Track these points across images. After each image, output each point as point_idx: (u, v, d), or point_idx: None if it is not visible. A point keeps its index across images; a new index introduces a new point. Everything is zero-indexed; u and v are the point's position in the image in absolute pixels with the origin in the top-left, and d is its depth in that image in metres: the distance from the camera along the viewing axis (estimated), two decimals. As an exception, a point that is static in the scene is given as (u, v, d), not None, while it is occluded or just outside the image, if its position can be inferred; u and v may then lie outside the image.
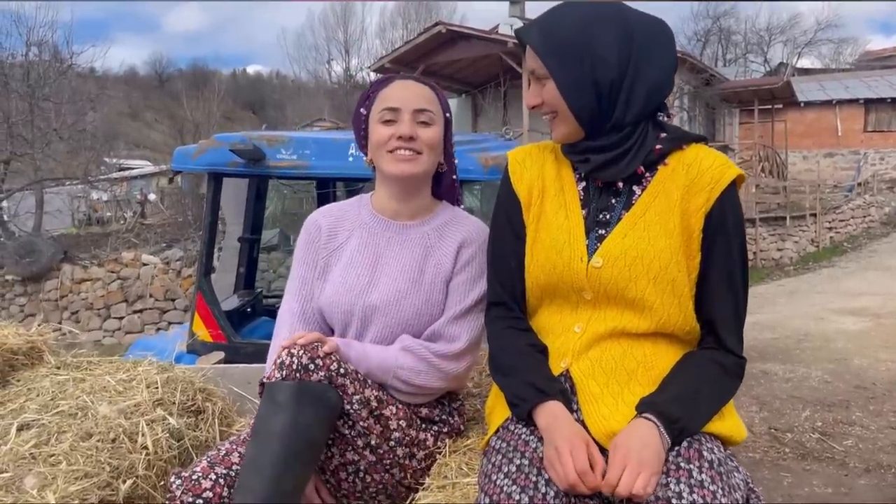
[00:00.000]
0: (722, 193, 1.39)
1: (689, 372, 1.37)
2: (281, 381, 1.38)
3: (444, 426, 1.67)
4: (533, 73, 1.44)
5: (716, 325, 1.41)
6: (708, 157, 1.44)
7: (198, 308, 3.27)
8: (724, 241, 1.40)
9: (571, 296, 1.45)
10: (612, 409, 1.34)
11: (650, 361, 1.40)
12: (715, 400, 1.36)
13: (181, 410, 1.75)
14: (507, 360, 1.48)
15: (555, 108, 1.43)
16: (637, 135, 1.42)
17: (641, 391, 1.36)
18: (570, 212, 1.47)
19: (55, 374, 1.86)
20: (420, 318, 1.64)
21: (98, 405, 1.61)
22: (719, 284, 1.40)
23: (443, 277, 1.68)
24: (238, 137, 3.23)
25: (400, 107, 1.65)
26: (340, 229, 1.75)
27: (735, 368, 1.41)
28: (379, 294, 1.65)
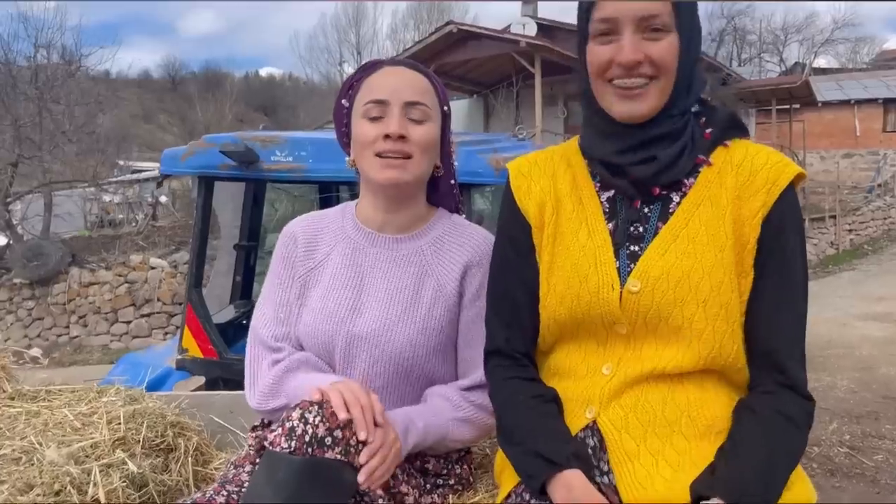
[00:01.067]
0: (781, 195, 1.15)
1: (753, 434, 1.10)
2: (287, 453, 1.11)
3: (450, 478, 1.43)
4: (648, 19, 1.13)
5: (777, 355, 1.15)
6: (760, 153, 1.19)
7: (187, 322, 3.06)
8: (785, 254, 1.16)
9: (600, 330, 1.19)
10: (651, 472, 1.09)
11: (696, 410, 1.14)
12: (786, 467, 1.10)
13: (148, 450, 1.54)
14: (510, 422, 1.24)
15: (661, 71, 1.15)
16: (690, 123, 1.19)
17: (687, 446, 1.11)
18: (594, 228, 1.22)
19: (8, 406, 1.65)
20: (415, 349, 1.39)
21: (46, 448, 1.39)
22: (780, 306, 1.15)
23: (444, 303, 1.43)
24: (229, 138, 3.01)
25: (388, 99, 1.38)
26: (320, 243, 1.49)
27: (804, 417, 1.15)
28: (365, 322, 1.40)
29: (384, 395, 1.38)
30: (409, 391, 1.42)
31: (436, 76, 1.49)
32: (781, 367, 1.15)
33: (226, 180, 3.27)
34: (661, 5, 1.12)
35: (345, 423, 1.14)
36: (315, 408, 1.14)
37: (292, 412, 1.14)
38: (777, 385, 1.15)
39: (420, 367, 1.41)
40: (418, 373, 1.42)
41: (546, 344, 1.29)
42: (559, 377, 1.26)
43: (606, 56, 1.15)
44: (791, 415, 1.13)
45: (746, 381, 1.19)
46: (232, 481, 1.29)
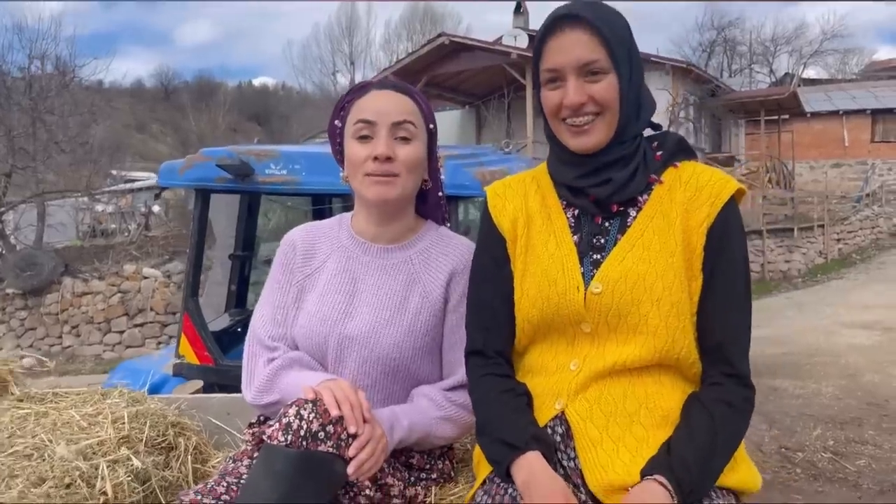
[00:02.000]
0: (723, 207, 1.30)
1: (699, 423, 1.24)
2: (284, 447, 1.21)
3: (432, 472, 1.54)
4: (588, 65, 1.28)
5: (723, 348, 1.30)
6: (705, 172, 1.35)
7: (184, 329, 3.15)
8: (728, 258, 1.30)
9: (568, 329, 1.33)
10: (612, 457, 1.22)
11: (653, 401, 1.28)
12: (727, 449, 1.24)
13: (150, 448, 1.62)
14: (482, 414, 1.39)
15: (605, 108, 1.30)
16: (642, 145, 1.35)
17: (645, 434, 1.25)
18: (561, 240, 1.37)
19: (17, 407, 1.73)
20: (402, 351, 1.50)
21: (56, 445, 1.48)
22: (724, 304, 1.30)
23: (430, 308, 1.54)
24: (225, 152, 3.11)
25: (376, 120, 1.48)
26: (317, 251, 1.60)
27: (744, 404, 1.29)
28: (356, 324, 1.50)
29: (372, 394, 1.48)
30: (395, 390, 1.53)
31: (422, 96, 1.60)
32: (727, 359, 1.29)
33: (222, 192, 3.37)
34: (597, 51, 1.27)
35: (336, 419, 1.24)
36: (309, 405, 1.24)
37: (289, 409, 1.24)
38: (723, 375, 1.29)
39: (406, 367, 1.51)
40: (404, 373, 1.52)
41: (521, 345, 1.42)
42: (532, 374, 1.39)
43: (556, 100, 1.31)
44: (733, 402, 1.27)
45: (699, 375, 1.33)
46: (231, 473, 1.39)
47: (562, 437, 1.30)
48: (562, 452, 1.29)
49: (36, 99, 14.16)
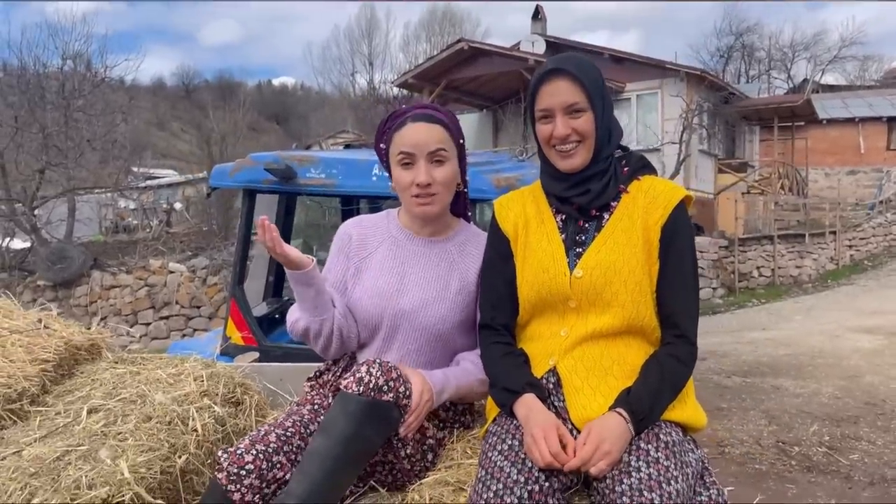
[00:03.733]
0: (674, 209, 1.71)
1: (651, 371, 1.64)
2: (357, 395, 1.59)
3: (457, 424, 1.92)
4: (571, 105, 1.69)
5: (674, 316, 1.70)
6: (660, 183, 1.77)
7: (231, 314, 3.54)
8: (678, 248, 1.71)
9: (559, 306, 1.74)
10: (591, 399, 1.63)
11: (623, 358, 1.68)
12: (672, 391, 1.64)
13: (223, 401, 1.99)
14: (490, 371, 1.79)
15: (584, 137, 1.70)
16: (613, 162, 1.76)
17: (616, 384, 1.64)
18: (551, 238, 1.78)
19: (114, 367, 2.11)
20: (444, 323, 1.87)
21: (154, 394, 1.85)
22: (674, 283, 1.70)
23: (467, 289, 1.91)
24: (272, 157, 3.50)
25: (414, 152, 1.83)
26: (370, 239, 1.97)
27: (688, 357, 1.69)
28: (409, 300, 1.87)
29: (418, 357, 1.88)
30: (435, 356, 1.90)
31: (451, 118, 1.95)
32: (676, 324, 1.70)
33: (268, 193, 3.77)
34: (577, 95, 1.70)
35: (397, 377, 1.64)
36: (377, 365, 1.64)
37: (361, 366, 1.64)
38: (673, 336, 1.70)
39: (446, 337, 1.88)
40: (444, 342, 1.89)
41: (523, 319, 1.82)
42: (532, 340, 1.80)
43: (548, 133, 1.73)
44: (678, 356, 1.67)
45: (659, 339, 1.73)
46: (295, 413, 1.78)
47: (554, 386, 1.69)
48: (554, 396, 1.68)
49: (68, 98, 14.58)
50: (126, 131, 17.25)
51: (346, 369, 1.92)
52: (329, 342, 1.85)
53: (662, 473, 1.44)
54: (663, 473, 1.44)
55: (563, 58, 1.76)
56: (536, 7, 18.95)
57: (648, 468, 1.45)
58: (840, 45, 37.45)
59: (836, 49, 37.46)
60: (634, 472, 1.45)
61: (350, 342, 1.89)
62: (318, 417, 1.78)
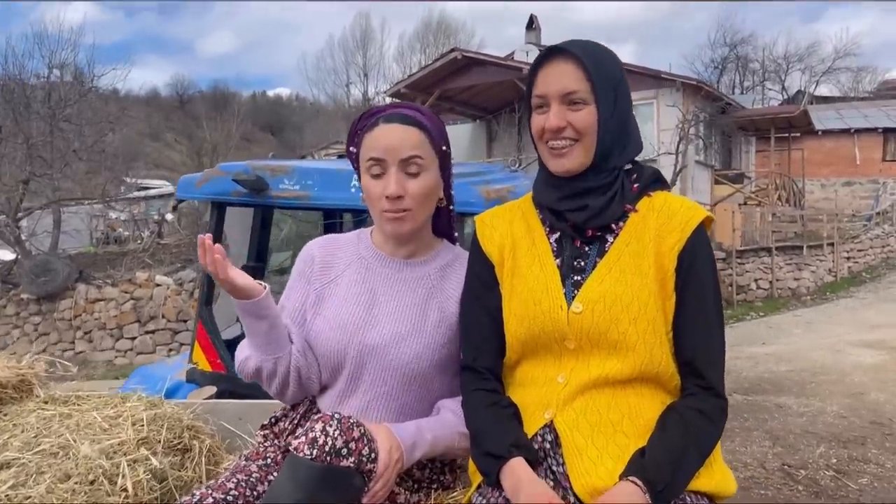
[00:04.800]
0: (693, 233, 1.41)
1: (672, 428, 1.34)
2: (309, 460, 1.30)
3: (434, 484, 1.62)
4: (569, 94, 1.40)
5: (696, 362, 1.40)
6: (675, 201, 1.46)
7: (198, 337, 3.26)
8: (698, 280, 1.41)
9: (553, 346, 1.43)
10: (596, 463, 1.32)
11: (635, 412, 1.38)
12: (699, 455, 1.34)
13: (167, 449, 1.73)
14: (471, 427, 1.48)
15: (581, 135, 1.41)
16: (620, 176, 1.45)
17: (627, 443, 1.34)
18: (544, 263, 1.47)
19: (42, 409, 1.84)
20: (420, 362, 1.56)
21: (80, 444, 1.58)
22: (695, 322, 1.40)
23: (447, 322, 1.60)
24: (241, 167, 3.22)
25: (385, 158, 1.53)
26: (336, 262, 1.67)
27: (717, 412, 1.39)
28: (377, 334, 1.56)
29: (388, 403, 1.57)
30: (409, 400, 1.60)
31: (432, 119, 1.63)
32: (699, 372, 1.39)
33: (237, 206, 3.48)
34: (580, 83, 1.40)
35: (359, 436, 1.34)
36: (335, 421, 1.34)
37: (315, 424, 1.33)
38: (697, 388, 1.39)
39: (422, 378, 1.58)
40: (419, 383, 1.58)
41: (511, 360, 1.51)
42: (522, 387, 1.49)
43: (541, 124, 1.44)
44: (705, 410, 1.37)
45: (679, 387, 1.43)
46: (242, 471, 1.49)
47: (551, 445, 1.39)
48: (551, 458, 1.38)
49: (54, 107, 14.36)
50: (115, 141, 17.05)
51: (305, 416, 1.63)
52: (285, 384, 1.56)
53: None
54: None
55: (572, 40, 1.45)
56: (531, 17, 18.86)
57: None
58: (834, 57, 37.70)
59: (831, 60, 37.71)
60: None
61: (310, 384, 1.60)
62: (270, 476, 1.50)
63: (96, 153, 15.27)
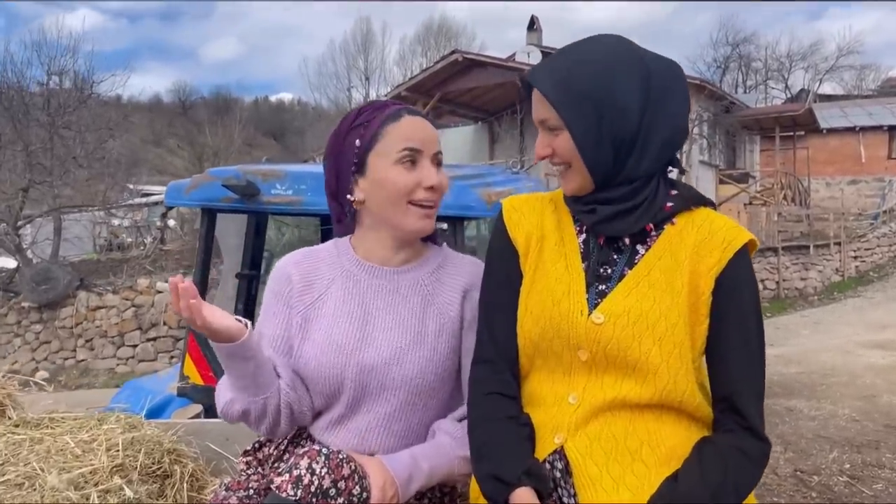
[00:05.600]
0: (735, 255, 1.27)
1: (710, 461, 1.21)
2: (294, 501, 1.17)
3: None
4: (543, 122, 1.33)
5: (735, 398, 1.26)
6: (719, 219, 1.33)
7: (189, 350, 3.13)
8: (738, 307, 1.27)
9: (565, 355, 1.30)
10: (611, 495, 1.19)
11: (655, 439, 1.24)
12: (738, 496, 1.20)
13: (144, 476, 1.61)
14: (480, 437, 1.34)
15: (568, 160, 1.31)
16: (648, 190, 1.31)
17: (646, 472, 1.21)
18: (571, 264, 1.35)
19: (13, 433, 1.72)
20: (425, 376, 1.43)
21: (48, 474, 1.46)
22: (735, 354, 1.26)
23: (449, 329, 1.48)
24: (232, 172, 3.10)
25: (422, 149, 1.43)
26: (317, 279, 1.51)
27: (759, 456, 1.25)
28: (376, 352, 1.43)
29: (391, 425, 1.44)
30: (414, 417, 1.46)
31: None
32: (739, 411, 1.26)
33: (228, 212, 3.36)
34: (547, 111, 1.30)
35: (348, 474, 1.21)
36: (322, 458, 1.21)
37: (301, 460, 1.20)
38: (737, 426, 1.26)
39: (428, 394, 1.46)
40: (425, 400, 1.46)
41: (522, 369, 1.39)
42: (531, 406, 1.36)
43: (537, 152, 1.37)
44: (747, 451, 1.23)
45: (706, 417, 1.29)
46: (221, 502, 1.36)
47: (561, 473, 1.27)
48: (562, 489, 1.26)
49: (54, 114, 14.31)
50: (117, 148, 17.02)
51: (292, 442, 1.49)
52: (276, 423, 1.42)
53: None
54: None
55: (546, 62, 1.36)
56: (532, 17, 18.77)
57: None
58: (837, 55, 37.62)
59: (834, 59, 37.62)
60: None
61: (303, 417, 1.45)
62: None
63: (97, 160, 15.23)
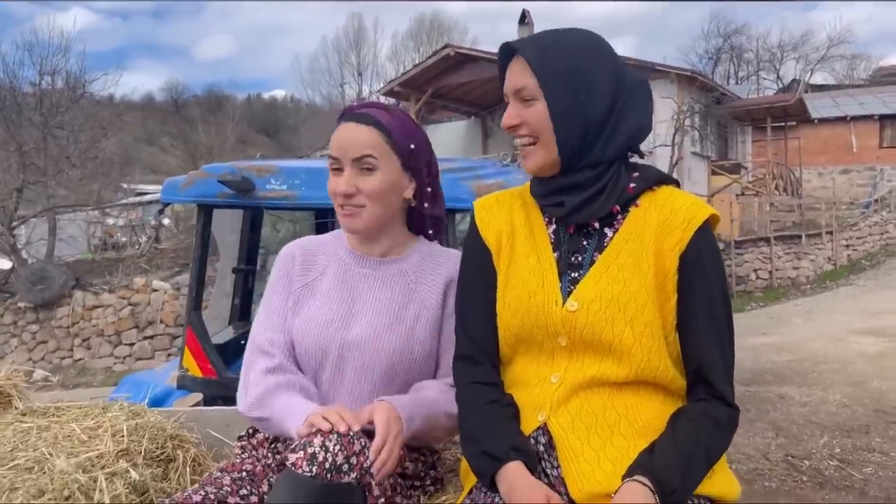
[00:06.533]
0: (696, 233, 1.33)
1: (682, 431, 1.29)
2: (309, 477, 1.25)
3: (426, 479, 1.60)
4: (519, 91, 1.36)
5: (704, 370, 1.34)
6: (680, 197, 1.38)
7: (188, 343, 3.20)
8: (703, 282, 1.33)
9: (546, 342, 1.37)
10: (594, 466, 1.27)
11: (633, 413, 1.32)
12: (708, 460, 1.29)
13: (148, 460, 1.66)
14: (468, 423, 1.42)
15: (537, 133, 1.35)
16: (611, 173, 1.37)
17: (624, 444, 1.29)
18: (542, 255, 1.41)
19: (20, 421, 1.78)
20: (401, 355, 1.57)
21: (56, 458, 1.53)
22: (703, 327, 1.34)
23: (427, 315, 1.61)
24: (227, 168, 3.17)
25: (339, 157, 1.57)
26: (315, 263, 1.68)
27: (728, 422, 1.33)
28: (359, 329, 1.58)
29: (371, 397, 1.54)
30: (392, 393, 1.57)
31: (398, 117, 1.63)
32: (709, 381, 1.33)
33: (223, 207, 3.43)
34: (527, 78, 1.34)
35: (360, 450, 1.29)
36: (335, 436, 1.29)
37: (314, 438, 1.29)
38: (707, 395, 1.34)
39: (404, 371, 1.59)
40: (402, 377, 1.59)
41: (505, 356, 1.46)
42: (515, 387, 1.43)
43: (504, 121, 1.41)
44: (717, 418, 1.31)
45: (680, 389, 1.37)
46: (213, 483, 1.43)
47: (545, 448, 1.34)
48: (546, 462, 1.33)
49: (47, 114, 14.31)
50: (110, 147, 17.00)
51: None
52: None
53: None
54: None
55: (531, 35, 1.43)
56: (523, 12, 18.77)
57: None
58: (828, 45, 37.72)
59: (825, 49, 37.73)
60: None
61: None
62: (242, 489, 1.44)
63: (91, 159, 15.23)
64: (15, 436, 1.69)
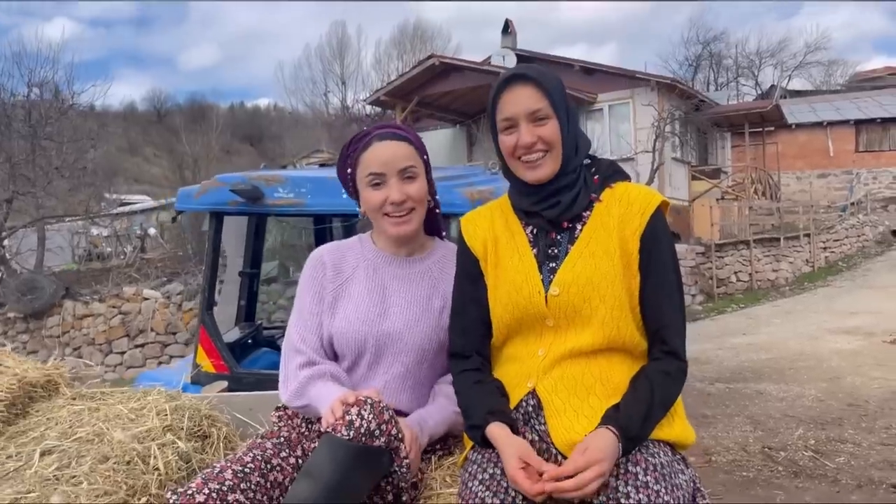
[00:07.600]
0: (651, 217, 1.63)
1: (641, 387, 1.56)
2: (346, 440, 1.48)
3: (441, 450, 1.84)
4: (535, 112, 1.62)
5: (661, 331, 1.62)
6: (634, 189, 1.69)
7: (201, 341, 3.42)
8: (659, 259, 1.63)
9: (535, 325, 1.65)
10: (574, 421, 1.54)
11: (605, 376, 1.60)
12: (663, 409, 1.56)
13: (189, 435, 1.89)
14: (461, 403, 1.71)
15: (551, 146, 1.63)
16: (583, 173, 1.69)
17: (599, 403, 1.56)
18: (523, 254, 1.69)
19: (71, 404, 2.00)
20: (431, 342, 1.83)
21: (113, 431, 1.75)
22: (659, 295, 1.62)
23: (450, 307, 1.84)
24: (239, 178, 3.40)
25: (384, 171, 1.79)
26: (345, 265, 1.90)
27: (678, 373, 1.61)
28: (392, 322, 1.82)
29: (404, 382, 1.83)
30: (421, 374, 1.85)
31: (414, 134, 1.91)
32: (663, 339, 1.62)
33: (235, 214, 3.66)
34: (541, 101, 1.63)
35: (389, 419, 1.54)
36: (368, 406, 1.53)
37: (352, 408, 1.52)
38: (662, 352, 1.62)
39: (432, 355, 1.84)
40: (430, 361, 1.85)
41: (498, 341, 1.74)
42: (509, 362, 1.71)
43: (512, 142, 1.65)
44: (669, 371, 1.60)
45: (644, 353, 1.65)
46: (258, 447, 1.67)
47: (534, 409, 1.60)
48: (534, 420, 1.60)
49: (35, 126, 14.34)
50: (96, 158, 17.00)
51: None
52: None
53: (653, 499, 1.36)
54: (653, 499, 1.36)
55: (523, 67, 1.71)
56: (506, 21, 19.05)
57: (638, 494, 1.37)
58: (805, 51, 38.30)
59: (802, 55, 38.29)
60: (623, 498, 1.37)
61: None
62: (282, 452, 1.68)
63: (77, 170, 15.24)
64: (70, 416, 1.91)
